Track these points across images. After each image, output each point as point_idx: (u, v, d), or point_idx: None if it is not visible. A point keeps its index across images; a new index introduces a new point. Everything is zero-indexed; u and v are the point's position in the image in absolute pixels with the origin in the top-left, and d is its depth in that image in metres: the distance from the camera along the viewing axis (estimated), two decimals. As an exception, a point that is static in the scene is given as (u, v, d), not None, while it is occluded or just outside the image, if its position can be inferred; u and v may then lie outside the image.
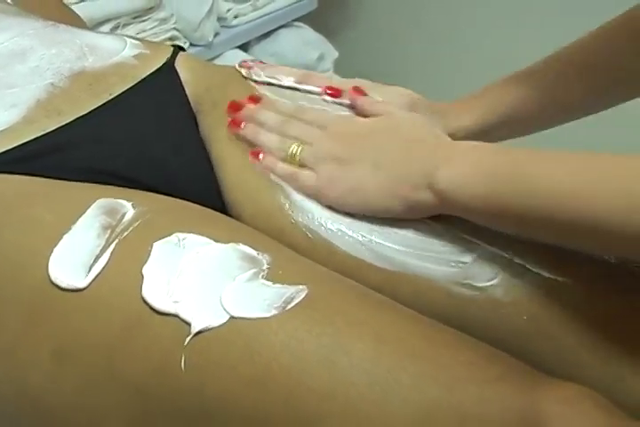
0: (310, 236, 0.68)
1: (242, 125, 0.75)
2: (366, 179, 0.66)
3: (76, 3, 1.35)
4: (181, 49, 0.85)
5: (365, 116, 0.74)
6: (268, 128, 0.75)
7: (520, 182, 0.56)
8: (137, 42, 0.83)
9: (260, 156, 0.73)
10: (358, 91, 0.77)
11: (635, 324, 0.62)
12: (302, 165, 0.71)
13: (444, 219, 0.67)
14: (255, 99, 0.77)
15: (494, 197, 0.58)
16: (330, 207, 0.69)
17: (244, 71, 0.82)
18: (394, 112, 0.72)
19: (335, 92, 0.77)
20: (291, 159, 0.71)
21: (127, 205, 0.62)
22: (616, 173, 0.51)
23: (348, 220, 0.68)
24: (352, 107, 0.76)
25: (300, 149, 0.71)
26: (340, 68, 1.93)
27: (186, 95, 0.80)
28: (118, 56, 0.79)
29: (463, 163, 0.61)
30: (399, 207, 0.65)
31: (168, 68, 0.81)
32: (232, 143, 0.75)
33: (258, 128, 0.75)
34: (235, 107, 0.77)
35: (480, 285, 0.65)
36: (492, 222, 0.62)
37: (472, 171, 0.60)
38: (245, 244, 0.60)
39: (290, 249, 0.66)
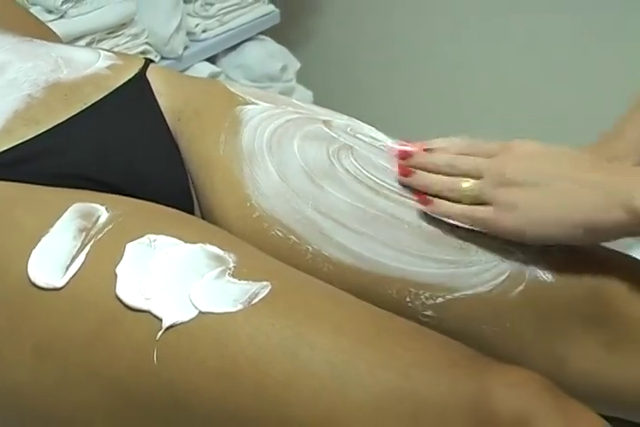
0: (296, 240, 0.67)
1: (411, 174, 0.68)
2: (546, 207, 0.61)
3: (53, 20, 1.33)
4: (151, 61, 0.84)
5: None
6: (437, 169, 0.67)
7: None
8: (110, 54, 0.81)
9: (434, 202, 0.66)
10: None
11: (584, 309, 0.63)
12: (475, 202, 0.64)
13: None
14: (429, 150, 0.69)
15: None
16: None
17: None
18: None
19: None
20: (465, 197, 0.65)
21: (101, 209, 0.62)
22: None
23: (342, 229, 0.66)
24: None
25: (471, 184, 0.65)
26: (302, 77, 1.93)
27: (157, 103, 0.79)
28: (92, 67, 0.77)
29: None
30: (582, 234, 0.60)
31: (140, 78, 0.79)
32: (217, 147, 0.73)
33: (426, 174, 0.67)
34: (404, 155, 0.69)
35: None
36: None
37: None
38: (213, 244, 0.60)
39: (256, 248, 0.65)
